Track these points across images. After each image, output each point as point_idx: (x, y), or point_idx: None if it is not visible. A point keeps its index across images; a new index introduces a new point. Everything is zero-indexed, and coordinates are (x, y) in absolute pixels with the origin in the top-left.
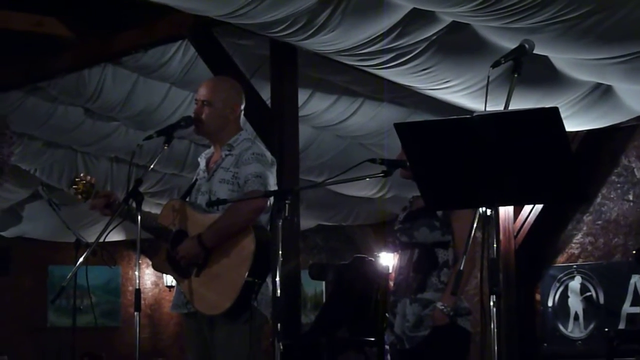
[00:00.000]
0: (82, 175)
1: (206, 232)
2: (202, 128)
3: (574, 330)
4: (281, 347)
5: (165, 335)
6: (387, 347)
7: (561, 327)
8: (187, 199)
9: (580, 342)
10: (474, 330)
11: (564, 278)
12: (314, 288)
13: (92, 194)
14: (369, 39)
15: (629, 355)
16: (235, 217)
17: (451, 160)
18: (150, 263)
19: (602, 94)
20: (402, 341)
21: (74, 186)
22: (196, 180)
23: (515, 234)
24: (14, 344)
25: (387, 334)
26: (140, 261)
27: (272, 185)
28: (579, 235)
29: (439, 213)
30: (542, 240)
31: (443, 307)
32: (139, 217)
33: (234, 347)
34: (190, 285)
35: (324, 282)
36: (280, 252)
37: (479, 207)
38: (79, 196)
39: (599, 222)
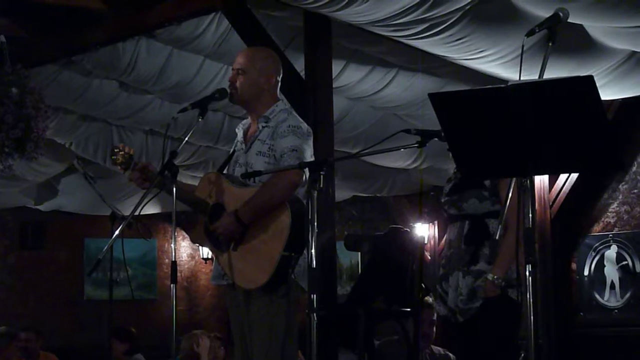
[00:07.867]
0: (120, 145)
1: (242, 208)
2: (236, 96)
3: (610, 299)
4: (316, 319)
5: (201, 307)
6: (434, 318)
7: (597, 296)
8: (225, 170)
9: (616, 310)
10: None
11: (600, 247)
12: (350, 259)
13: (131, 165)
14: (402, 9)
15: None
16: (271, 193)
17: (486, 129)
18: (186, 236)
19: (638, 62)
20: (455, 314)
21: (113, 157)
22: (234, 151)
23: (550, 203)
24: (51, 317)
25: (438, 307)
26: (176, 234)
27: (309, 157)
28: (615, 204)
29: (487, 183)
30: (578, 210)
31: (494, 278)
32: (174, 190)
33: (271, 321)
34: (228, 258)
35: (359, 253)
36: (315, 224)
37: (514, 177)
38: (119, 167)
39: (635, 191)
